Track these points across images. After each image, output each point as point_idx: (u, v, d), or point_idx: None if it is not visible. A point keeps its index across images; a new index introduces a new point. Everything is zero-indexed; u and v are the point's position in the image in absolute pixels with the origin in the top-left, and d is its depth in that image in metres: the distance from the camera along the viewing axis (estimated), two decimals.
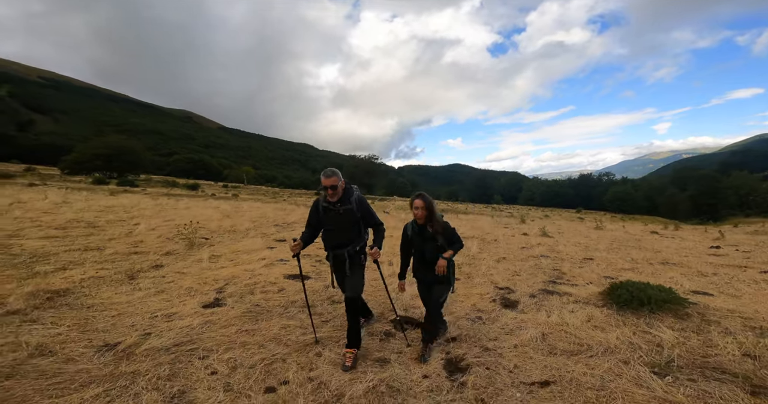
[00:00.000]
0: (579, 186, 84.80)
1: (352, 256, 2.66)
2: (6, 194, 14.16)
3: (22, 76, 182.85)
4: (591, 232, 13.49)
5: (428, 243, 2.58)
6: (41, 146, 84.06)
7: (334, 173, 2.60)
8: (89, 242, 6.00)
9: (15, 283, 3.58)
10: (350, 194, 2.66)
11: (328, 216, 2.67)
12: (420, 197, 2.60)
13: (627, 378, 1.91)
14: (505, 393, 1.84)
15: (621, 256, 7.24)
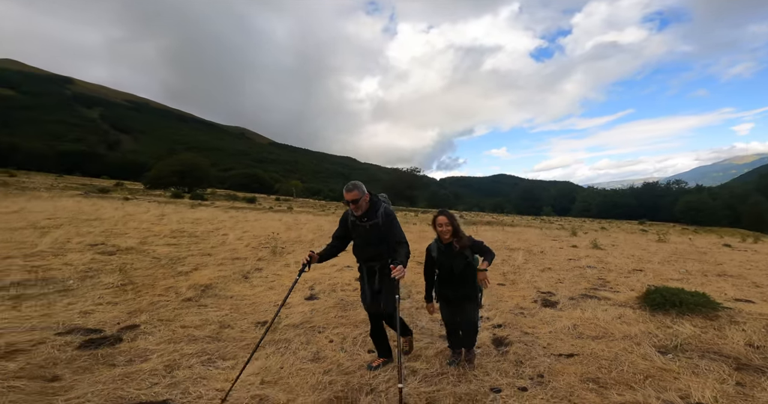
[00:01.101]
0: (643, 196, 77.87)
1: (381, 269, 2.57)
2: (114, 207, 17.12)
3: (110, 99, 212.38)
4: (651, 245, 13.11)
5: (457, 259, 2.49)
6: (126, 163, 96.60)
7: (356, 186, 2.52)
8: (200, 249, 7.54)
9: (172, 279, 4.97)
10: (377, 208, 2.56)
11: (356, 230, 2.62)
12: (443, 214, 2.52)
13: (636, 354, 2.56)
14: (537, 359, 2.61)
15: (675, 268, 7.34)
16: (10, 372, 2.04)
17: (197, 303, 3.99)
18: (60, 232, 8.06)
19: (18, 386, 1.89)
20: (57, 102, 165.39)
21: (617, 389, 2.06)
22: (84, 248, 6.65)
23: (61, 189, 32.40)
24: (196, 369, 2.36)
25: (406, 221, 21.67)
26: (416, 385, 2.28)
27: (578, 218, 54.71)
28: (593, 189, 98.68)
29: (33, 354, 2.33)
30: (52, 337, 2.64)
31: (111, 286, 4.33)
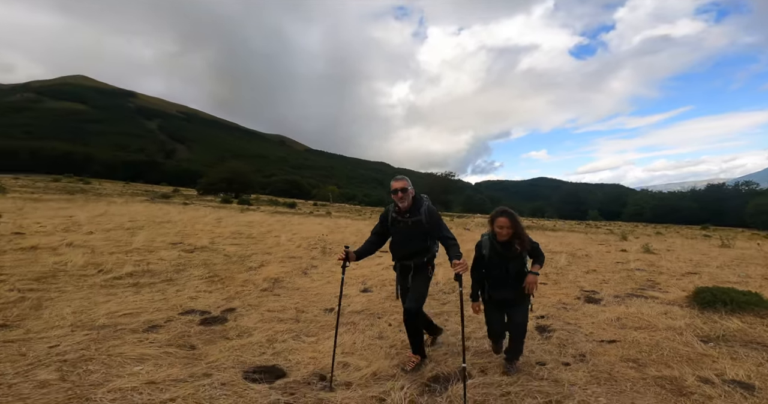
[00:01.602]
0: (706, 198, 70.83)
1: (418, 266, 2.61)
2: (178, 212, 18.98)
3: (166, 111, 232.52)
4: (712, 250, 12.29)
5: (512, 261, 2.41)
6: (181, 171, 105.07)
7: (404, 177, 2.62)
8: (260, 249, 8.38)
9: (246, 273, 5.73)
10: (420, 205, 2.60)
11: (396, 227, 2.63)
12: (505, 215, 2.40)
13: (678, 341, 2.75)
14: (580, 343, 2.88)
15: (734, 272, 7.00)
16: (163, 341, 2.71)
17: (272, 292, 4.65)
18: (145, 232, 9.31)
19: (171, 352, 2.55)
20: (122, 115, 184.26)
21: (655, 367, 2.31)
22: (167, 246, 7.71)
23: (130, 195, 36.22)
24: (289, 342, 2.93)
25: None
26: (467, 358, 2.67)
27: (629, 223, 51.09)
28: (647, 192, 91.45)
29: (169, 329, 3.02)
30: (176, 316, 3.35)
31: (201, 278, 5.14)
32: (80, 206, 17.98)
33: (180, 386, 1.98)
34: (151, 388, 1.91)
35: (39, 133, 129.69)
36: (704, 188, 79.07)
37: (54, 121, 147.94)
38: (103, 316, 3.10)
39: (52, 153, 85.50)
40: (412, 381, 2.28)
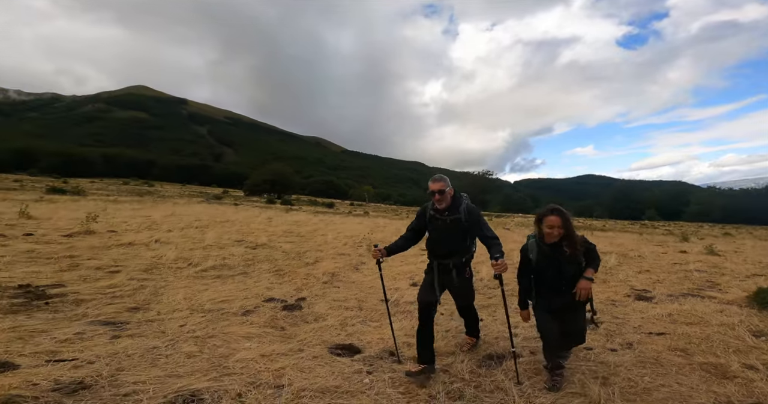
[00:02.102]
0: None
1: (458, 267, 2.57)
2: (233, 212, 20.58)
3: (214, 117, 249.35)
4: None
5: (565, 264, 2.25)
6: (229, 174, 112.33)
7: (442, 178, 2.56)
8: (312, 246, 9.07)
9: (305, 268, 6.36)
10: (459, 204, 2.56)
11: (434, 225, 2.60)
12: (556, 214, 2.23)
13: (729, 335, 2.84)
14: (627, 334, 3.05)
15: None
16: (260, 323, 3.29)
17: (332, 285, 5.19)
18: (212, 231, 10.40)
19: (269, 332, 3.11)
20: (177, 121, 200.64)
21: (702, 356, 2.47)
22: (234, 243, 8.63)
23: (188, 196, 39.60)
24: (358, 326, 3.40)
25: None
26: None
27: (693, 223, 46.78)
28: (715, 189, 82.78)
29: (260, 314, 3.61)
30: (262, 303, 3.96)
31: (269, 271, 5.83)
32: (151, 207, 20.15)
33: (284, 358, 2.50)
34: (264, 359, 2.44)
35: (109, 140, 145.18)
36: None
37: (121, 129, 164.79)
38: (207, 302, 3.78)
39: (120, 159, 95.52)
40: (470, 358, 2.64)
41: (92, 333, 2.67)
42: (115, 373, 2.06)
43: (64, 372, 1.99)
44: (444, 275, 2.59)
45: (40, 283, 4.08)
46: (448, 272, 2.58)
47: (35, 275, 4.49)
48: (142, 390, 1.89)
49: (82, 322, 2.88)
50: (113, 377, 2.02)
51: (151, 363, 2.24)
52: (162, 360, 2.30)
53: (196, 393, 1.89)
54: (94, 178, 69.20)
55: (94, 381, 1.93)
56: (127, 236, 8.37)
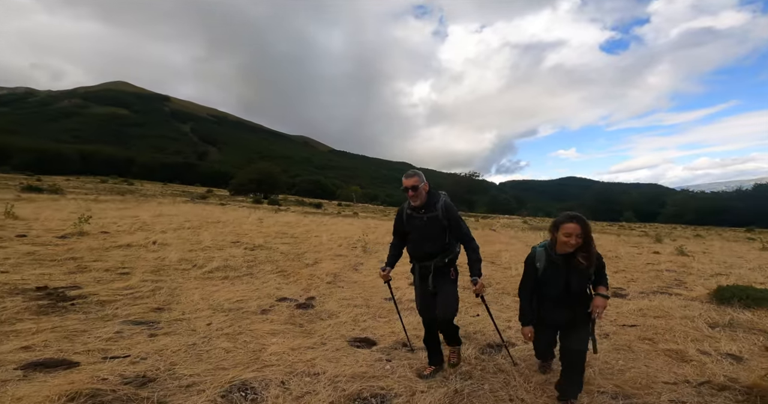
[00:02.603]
0: (753, 199, 66.50)
1: (439, 268, 2.45)
2: (221, 212, 20.47)
3: (198, 114, 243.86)
4: (751, 252, 12.20)
5: (574, 275, 2.09)
6: (213, 173, 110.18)
7: (416, 173, 2.47)
8: (308, 248, 9.30)
9: (307, 269, 6.62)
10: (436, 200, 2.47)
11: (412, 224, 2.51)
12: (576, 221, 2.02)
13: (689, 326, 3.33)
14: (604, 326, 3.49)
15: (765, 274, 7.21)
16: (281, 321, 3.56)
17: (336, 285, 5.50)
18: (206, 232, 10.49)
19: (290, 328, 3.39)
20: (158, 118, 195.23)
21: (666, 344, 2.93)
22: (230, 244, 8.78)
23: (171, 196, 38.80)
24: (369, 322, 3.73)
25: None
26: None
27: (667, 225, 49.11)
28: (688, 192, 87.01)
29: (277, 312, 3.88)
30: (276, 302, 4.23)
31: (273, 272, 6.08)
32: (136, 207, 19.80)
33: (311, 351, 2.80)
34: (294, 352, 2.74)
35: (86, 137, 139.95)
36: (752, 187, 74.21)
37: (99, 125, 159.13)
38: (224, 302, 4.03)
39: (98, 156, 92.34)
40: (474, 346, 3.02)
41: (130, 331, 2.90)
42: (171, 367, 2.31)
43: (124, 367, 2.22)
44: (425, 279, 2.48)
45: (55, 285, 4.23)
46: (428, 276, 2.47)
47: (46, 277, 4.61)
48: (200, 381, 2.15)
49: (116, 322, 3.10)
50: (170, 371, 2.28)
51: (196, 358, 2.50)
52: (204, 355, 2.56)
53: (246, 383, 2.17)
54: (70, 176, 66.77)
55: (156, 375, 2.18)
56: (122, 237, 8.41)
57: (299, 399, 2.03)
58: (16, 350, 2.35)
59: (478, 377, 2.43)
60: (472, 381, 2.36)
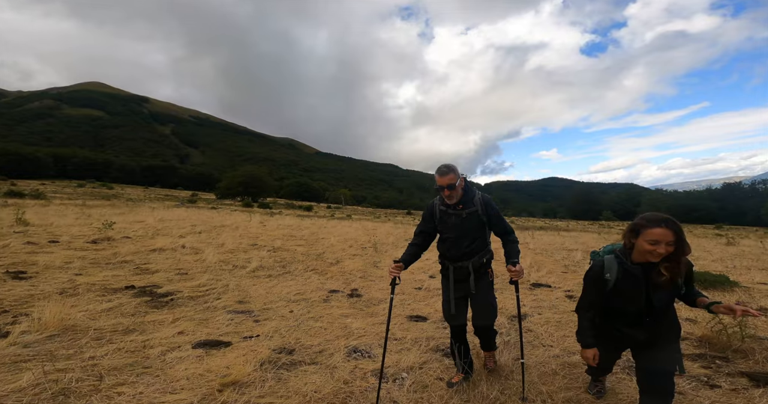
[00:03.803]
0: (724, 198, 70.83)
1: (477, 269, 2.30)
2: (221, 216, 20.82)
3: (179, 115, 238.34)
4: (716, 247, 13.74)
5: (657, 289, 1.74)
6: (196, 175, 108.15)
7: (451, 169, 2.23)
8: (323, 249, 10.02)
9: (334, 267, 7.40)
10: (472, 194, 2.31)
11: (446, 222, 2.32)
12: (666, 226, 1.64)
13: None
14: None
15: (725, 264, 8.49)
16: (345, 306, 4.35)
17: (367, 279, 6.32)
18: (222, 236, 11.08)
19: (356, 311, 4.20)
20: (137, 120, 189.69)
21: None
22: (250, 247, 9.44)
23: (158, 200, 38.37)
24: (413, 304, 4.59)
25: None
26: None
27: None
28: (662, 191, 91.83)
29: (336, 300, 4.68)
30: (329, 294, 5.01)
31: (306, 270, 6.84)
32: (131, 212, 19.84)
33: (382, 326, 3.63)
34: (373, 327, 3.54)
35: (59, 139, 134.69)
36: (720, 186, 79.06)
37: (74, 127, 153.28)
38: (288, 294, 4.81)
39: (74, 159, 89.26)
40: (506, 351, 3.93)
41: (239, 319, 3.63)
42: (297, 341, 3.05)
43: (265, 343, 2.94)
44: (462, 281, 2.31)
45: (138, 285, 4.87)
46: (466, 277, 2.28)
47: (119, 278, 5.23)
48: (325, 348, 2.92)
49: (222, 312, 3.81)
50: (299, 343, 3.01)
51: (306, 334, 3.26)
52: (311, 331, 3.32)
53: (356, 347, 2.97)
54: (45, 179, 64.55)
55: (292, 347, 2.92)
56: (147, 242, 8.89)
57: (399, 353, 2.87)
58: (175, 334, 3.03)
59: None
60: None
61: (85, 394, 1.98)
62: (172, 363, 2.45)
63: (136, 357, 2.51)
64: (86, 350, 2.55)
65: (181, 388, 2.10)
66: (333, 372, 2.49)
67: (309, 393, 2.17)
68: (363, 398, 2.19)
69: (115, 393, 1.99)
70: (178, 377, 2.23)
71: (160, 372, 2.32)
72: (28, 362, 2.28)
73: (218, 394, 2.06)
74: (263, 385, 2.24)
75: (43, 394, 1.92)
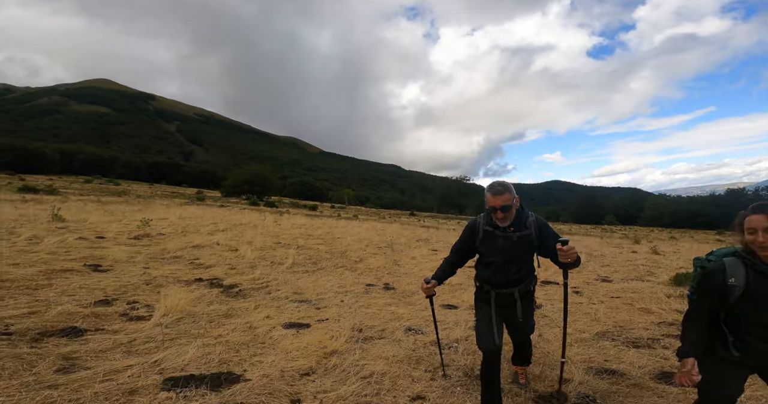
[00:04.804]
0: (727, 204, 71.17)
1: (524, 296, 2.16)
2: (233, 214, 21.57)
3: (184, 113, 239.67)
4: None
5: None
6: (200, 173, 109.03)
7: (506, 188, 2.04)
8: (343, 247, 10.62)
9: (359, 264, 8.14)
10: (526, 216, 2.14)
11: (493, 244, 2.13)
12: (760, 211, 1.46)
13: (654, 297, 5.08)
14: (598, 297, 5.19)
15: None
16: (386, 297, 5.10)
17: (394, 275, 7.03)
18: (246, 234, 11.80)
19: (395, 301, 4.95)
20: (143, 117, 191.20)
21: (638, 304, 4.68)
22: (276, 245, 10.15)
23: (167, 197, 39.21)
24: (444, 295, 5.25)
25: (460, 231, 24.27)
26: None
27: (646, 228, 52.69)
28: (665, 196, 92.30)
29: (376, 292, 5.37)
30: (366, 287, 5.68)
31: (337, 267, 7.55)
32: (146, 208, 20.62)
33: (424, 311, 4.32)
34: (416, 313, 4.23)
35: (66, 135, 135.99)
36: (724, 192, 79.41)
37: (80, 123, 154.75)
38: (332, 287, 5.53)
39: (80, 155, 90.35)
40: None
41: (303, 306, 4.29)
42: (361, 323, 3.72)
43: (337, 324, 3.61)
44: (506, 308, 2.15)
45: (204, 278, 5.60)
46: (511, 305, 2.14)
47: (183, 272, 5.97)
48: (388, 327, 3.61)
49: (286, 301, 4.50)
50: (364, 325, 3.68)
51: (375, 318, 3.95)
52: (369, 316, 4.03)
53: (410, 327, 3.68)
54: (52, 175, 65.53)
55: (360, 327, 3.59)
56: (183, 238, 9.53)
57: (445, 330, 3.60)
58: (264, 318, 3.72)
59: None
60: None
61: (238, 363, 2.63)
62: (279, 339, 3.14)
63: (250, 335, 3.21)
64: (210, 330, 3.27)
65: (297, 357, 2.79)
66: (399, 343, 3.21)
67: (390, 357, 2.86)
68: (429, 359, 2.91)
69: (257, 361, 2.68)
70: (289, 349, 2.92)
71: (275, 346, 3.00)
72: (176, 339, 3.00)
73: (326, 360, 2.77)
74: (355, 353, 2.91)
75: (211, 363, 2.59)
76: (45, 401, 1.90)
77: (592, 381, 2.62)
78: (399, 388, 2.41)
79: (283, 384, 2.33)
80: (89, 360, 2.46)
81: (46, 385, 2.05)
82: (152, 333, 3.01)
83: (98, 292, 4.18)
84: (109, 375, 2.25)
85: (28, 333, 2.75)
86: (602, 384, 2.59)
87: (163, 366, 2.43)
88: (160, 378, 2.27)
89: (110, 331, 2.99)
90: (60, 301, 3.62)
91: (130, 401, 2.00)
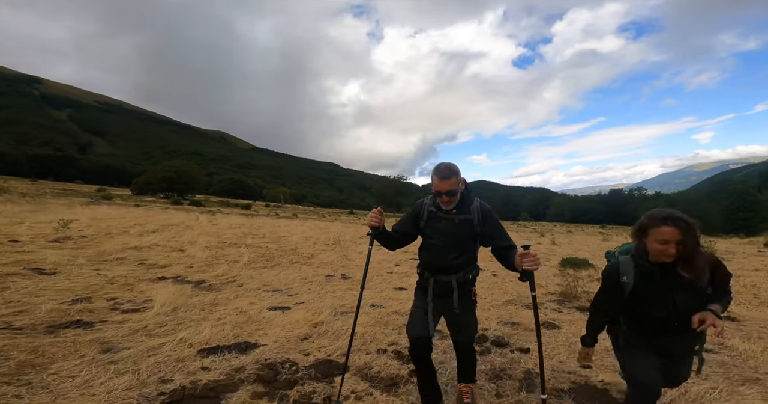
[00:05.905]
0: (610, 202, 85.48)
1: (462, 285, 2.03)
2: (156, 214, 19.93)
3: (80, 100, 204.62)
4: (596, 243, 17.94)
5: (680, 292, 1.62)
6: (102, 167, 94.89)
7: (453, 171, 1.95)
8: (292, 245, 11.06)
9: (314, 259, 8.71)
10: (470, 201, 2.05)
11: (435, 226, 2.04)
12: (672, 223, 1.54)
13: (543, 272, 6.90)
14: (507, 278, 6.76)
15: (594, 253, 11.84)
16: (346, 285, 5.88)
17: (347, 267, 7.79)
18: (185, 236, 11.42)
19: (357, 288, 5.78)
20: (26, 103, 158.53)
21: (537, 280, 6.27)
22: (225, 245, 10.15)
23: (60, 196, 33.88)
24: (394, 281, 6.23)
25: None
26: None
27: (551, 223, 61.21)
28: (566, 195, 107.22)
29: (336, 281, 6.13)
30: (326, 278, 6.40)
31: (293, 262, 8.04)
32: (42, 210, 17.61)
33: (381, 293, 5.23)
34: (373, 295, 5.15)
35: None
36: (608, 192, 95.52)
37: None
38: (295, 279, 6.11)
39: None
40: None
41: (278, 295, 4.83)
42: (335, 302, 4.45)
43: (314, 305, 4.27)
44: (442, 297, 2.06)
45: (167, 276, 5.70)
46: (448, 294, 2.05)
47: (141, 272, 5.96)
48: (382, 305, 4.48)
49: (261, 291, 4.95)
50: (338, 303, 4.42)
51: (337, 299, 4.69)
52: (336, 298, 4.77)
53: (373, 303, 4.54)
54: None
55: (335, 306, 4.33)
56: (113, 241, 8.91)
57: (400, 304, 4.55)
58: (249, 304, 4.18)
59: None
60: None
61: (248, 335, 3.14)
62: (271, 318, 3.72)
63: (245, 317, 3.72)
64: (210, 314, 3.71)
65: (293, 328, 3.43)
66: (368, 314, 4.05)
67: (364, 323, 3.66)
68: (394, 322, 3.82)
69: (262, 333, 3.25)
70: (284, 324, 3.54)
71: (270, 322, 3.59)
72: (184, 323, 3.38)
73: (317, 328, 3.47)
74: (338, 322, 3.67)
75: (227, 337, 3.06)
76: (118, 371, 2.31)
77: (502, 328, 3.87)
78: (377, 340, 3.28)
79: (292, 345, 3.03)
80: (123, 342, 2.80)
81: (107, 361, 2.43)
82: (158, 320, 3.38)
83: (66, 292, 4.21)
84: (151, 350, 2.67)
85: (38, 327, 2.92)
86: (508, 330, 3.84)
87: (190, 341, 2.90)
88: (194, 350, 2.77)
89: (116, 322, 3.27)
90: (35, 302, 3.68)
91: (185, 365, 2.51)
